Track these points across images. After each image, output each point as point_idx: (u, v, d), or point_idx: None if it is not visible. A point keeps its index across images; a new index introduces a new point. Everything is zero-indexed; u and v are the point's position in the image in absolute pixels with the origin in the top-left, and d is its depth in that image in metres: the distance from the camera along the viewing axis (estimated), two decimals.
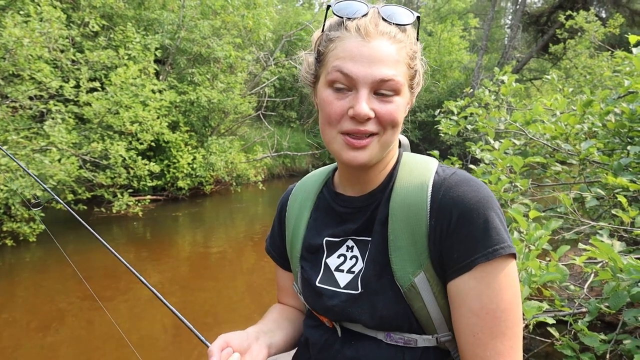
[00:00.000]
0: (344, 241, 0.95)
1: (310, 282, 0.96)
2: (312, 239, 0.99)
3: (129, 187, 8.09)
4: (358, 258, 0.92)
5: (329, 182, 1.04)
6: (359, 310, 0.88)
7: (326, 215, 1.00)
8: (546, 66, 19.45)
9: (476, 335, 0.78)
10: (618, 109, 2.85)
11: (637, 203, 2.51)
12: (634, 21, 15.55)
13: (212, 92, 9.93)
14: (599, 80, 8.32)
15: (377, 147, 0.84)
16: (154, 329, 4.19)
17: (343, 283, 0.92)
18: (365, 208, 0.93)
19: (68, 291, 4.99)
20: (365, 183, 0.93)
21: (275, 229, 1.15)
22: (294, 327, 1.10)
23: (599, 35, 10.70)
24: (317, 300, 0.95)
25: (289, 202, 1.10)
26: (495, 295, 0.77)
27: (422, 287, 0.82)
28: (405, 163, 0.93)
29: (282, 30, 15.35)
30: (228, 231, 8.04)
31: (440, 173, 0.87)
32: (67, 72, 7.44)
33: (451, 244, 0.80)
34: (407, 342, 0.85)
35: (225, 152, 10.50)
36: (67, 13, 8.03)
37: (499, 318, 0.77)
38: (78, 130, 7.63)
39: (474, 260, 0.77)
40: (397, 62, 0.81)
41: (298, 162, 14.97)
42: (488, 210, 0.79)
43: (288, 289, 1.15)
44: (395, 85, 0.80)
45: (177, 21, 9.82)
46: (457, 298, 0.80)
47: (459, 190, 0.81)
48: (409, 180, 0.88)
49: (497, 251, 0.77)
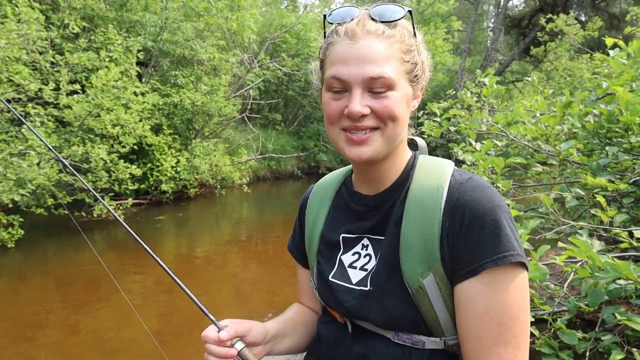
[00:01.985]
0: (360, 239, 0.97)
1: (324, 276, 0.99)
2: (329, 235, 1.01)
3: (110, 190, 7.97)
4: (372, 256, 0.93)
5: (348, 181, 1.06)
6: (368, 308, 0.89)
7: (343, 212, 1.02)
8: (528, 68, 19.75)
9: (480, 339, 0.78)
10: (597, 110, 2.89)
11: (615, 203, 2.55)
12: (612, 24, 15.87)
13: (195, 94, 9.85)
14: (579, 82, 8.47)
15: (380, 140, 0.85)
16: (137, 333, 4.12)
17: (355, 280, 0.94)
18: (380, 207, 0.94)
19: (48, 298, 4.89)
20: (377, 181, 0.95)
21: (296, 227, 1.17)
22: (307, 333, 1.11)
23: (578, 38, 10.89)
24: (330, 294, 0.97)
25: (309, 200, 1.12)
26: (501, 301, 0.77)
27: (430, 289, 0.82)
28: (422, 165, 0.94)
29: (267, 33, 15.31)
30: (213, 234, 7.97)
31: (456, 177, 0.88)
32: (47, 75, 7.30)
33: (461, 246, 0.80)
34: (414, 342, 0.86)
35: (209, 155, 10.43)
36: (46, 14, 7.90)
37: (504, 325, 0.77)
38: (58, 133, 7.49)
39: (482, 265, 0.77)
40: (386, 58, 0.82)
41: (283, 165, 14.93)
42: (500, 217, 0.80)
43: (307, 289, 1.15)
44: (386, 82, 0.82)
45: (160, 23, 9.72)
46: (463, 301, 0.80)
47: (473, 195, 0.82)
48: (425, 182, 0.89)
49: (506, 257, 0.77)
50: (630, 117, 2.39)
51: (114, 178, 7.79)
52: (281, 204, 11.23)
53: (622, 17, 14.19)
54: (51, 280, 5.37)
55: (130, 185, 8.15)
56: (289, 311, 1.16)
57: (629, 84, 2.95)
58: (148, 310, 4.63)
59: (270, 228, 8.75)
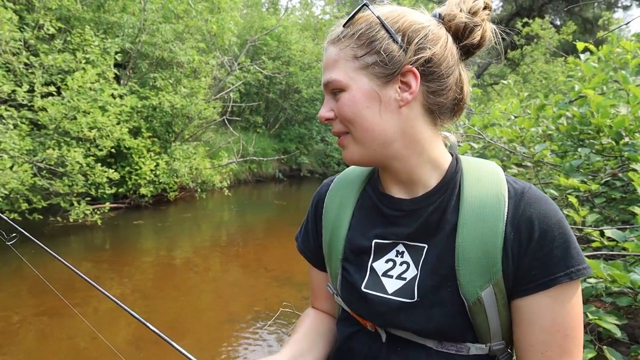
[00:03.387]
0: (394, 245, 0.90)
1: (355, 287, 0.91)
2: (358, 240, 0.93)
3: (87, 195, 7.82)
4: (410, 264, 0.87)
5: (374, 180, 0.97)
6: (411, 319, 0.84)
7: (371, 215, 0.94)
8: (506, 71, 20.09)
9: (545, 353, 0.77)
10: (569, 112, 2.95)
11: (588, 203, 2.61)
12: (586, 28, 16.29)
13: (175, 97, 9.74)
14: (554, 85, 8.65)
15: (353, 144, 0.85)
16: (114, 342, 4.04)
17: (392, 289, 0.87)
18: (418, 212, 0.87)
19: (21, 304, 4.77)
20: (411, 183, 0.88)
21: (309, 226, 1.07)
22: (326, 344, 1.04)
23: (553, 41, 11.13)
24: (363, 305, 0.90)
25: (327, 198, 1.03)
26: (567, 313, 0.77)
27: (488, 301, 0.80)
28: (469, 169, 0.88)
29: (247, 35, 15.25)
30: (193, 238, 7.88)
31: (513, 184, 0.84)
32: (20, 76, 7.14)
33: (531, 260, 0.78)
34: (459, 349, 0.83)
35: (189, 158, 10.32)
36: (20, 14, 7.72)
37: (569, 336, 0.77)
38: (33, 136, 7.33)
39: (555, 279, 0.76)
40: (335, 61, 0.83)
41: (264, 167, 14.88)
42: (568, 230, 0.78)
43: (323, 292, 1.08)
44: (336, 85, 0.83)
45: (138, 25, 9.59)
46: (529, 315, 0.79)
47: (540, 207, 0.80)
48: (480, 189, 0.84)
49: (580, 271, 0.76)
50: (601, 119, 2.45)
51: (91, 182, 7.65)
52: (262, 207, 11.18)
53: (595, 22, 14.57)
54: (25, 286, 5.23)
55: (107, 190, 8.02)
56: (302, 325, 1.06)
57: (600, 87, 3.03)
58: (126, 318, 4.55)
59: (251, 231, 8.70)
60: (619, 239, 1.71)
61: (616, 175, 2.49)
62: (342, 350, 0.98)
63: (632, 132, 2.42)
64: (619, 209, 2.49)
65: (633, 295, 1.71)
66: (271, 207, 10.93)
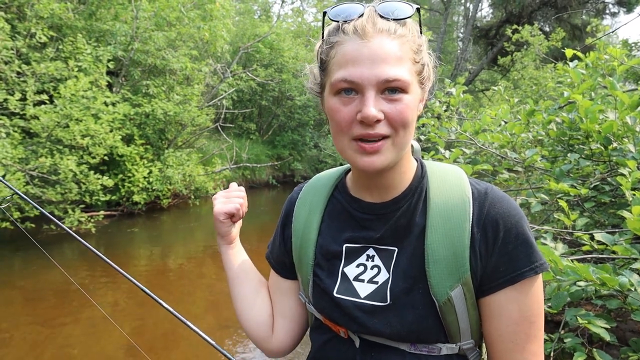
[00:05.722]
0: (364, 249, 0.91)
1: (328, 292, 0.92)
2: (329, 245, 0.94)
3: (80, 202, 7.78)
4: (381, 268, 0.88)
5: (342, 185, 0.99)
6: (384, 322, 0.85)
7: (341, 220, 0.95)
8: (496, 77, 20.28)
9: (514, 341, 0.82)
10: (559, 118, 3.00)
11: (578, 207, 2.65)
12: (575, 35, 16.51)
13: (168, 104, 9.74)
14: (544, 91, 8.76)
15: (391, 149, 0.80)
16: (107, 349, 4.02)
17: (364, 293, 0.88)
18: (387, 215, 0.89)
19: (15, 312, 4.72)
20: (383, 188, 0.90)
21: (277, 233, 1.09)
22: (263, 301, 1.13)
23: (543, 48, 11.26)
24: (335, 310, 0.91)
25: (297, 205, 1.04)
26: (532, 303, 0.82)
27: (457, 300, 0.82)
28: (434, 173, 0.91)
29: (240, 42, 15.29)
30: (187, 246, 7.86)
31: (475, 186, 0.88)
32: (13, 85, 7.11)
33: (498, 257, 0.81)
34: (430, 350, 0.85)
35: (182, 165, 10.31)
36: (11, 23, 7.70)
37: (534, 323, 0.82)
38: (25, 144, 7.29)
39: (521, 274, 0.80)
40: (400, 58, 0.77)
41: (258, 174, 14.87)
42: (528, 227, 0.83)
43: (283, 302, 1.10)
44: (401, 84, 0.77)
45: (131, 32, 9.60)
46: (498, 309, 0.83)
47: (503, 207, 0.84)
48: (445, 191, 0.87)
49: (542, 265, 0.81)
50: (589, 124, 2.50)
51: (85, 189, 7.61)
52: (256, 213, 11.16)
53: (584, 28, 14.78)
54: (18, 295, 5.19)
55: (102, 197, 7.98)
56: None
57: (589, 93, 3.08)
58: (120, 324, 4.53)
59: (245, 238, 8.57)
60: (608, 242, 1.74)
61: (605, 180, 2.54)
62: (316, 358, 0.98)
63: (620, 137, 2.47)
64: (609, 213, 2.53)
65: (622, 298, 1.74)
66: (265, 213, 10.92)
